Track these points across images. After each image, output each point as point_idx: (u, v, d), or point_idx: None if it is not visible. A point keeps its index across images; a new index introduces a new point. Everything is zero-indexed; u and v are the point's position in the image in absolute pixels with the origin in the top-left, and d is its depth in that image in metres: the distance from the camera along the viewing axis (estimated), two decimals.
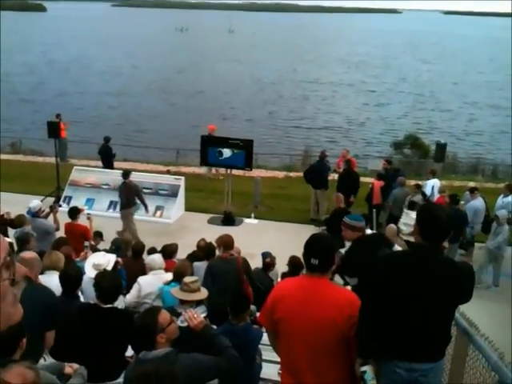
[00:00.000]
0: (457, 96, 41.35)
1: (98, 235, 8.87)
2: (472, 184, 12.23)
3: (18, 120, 27.89)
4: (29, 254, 4.60)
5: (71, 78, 44.51)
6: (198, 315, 3.81)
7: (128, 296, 6.07)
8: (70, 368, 3.90)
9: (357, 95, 40.92)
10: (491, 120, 33.65)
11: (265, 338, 4.71)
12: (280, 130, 29.22)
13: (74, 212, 9.28)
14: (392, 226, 8.35)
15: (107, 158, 15.65)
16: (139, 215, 13.02)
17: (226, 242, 6.72)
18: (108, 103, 35.20)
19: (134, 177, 14.00)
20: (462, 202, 11.46)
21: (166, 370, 2.82)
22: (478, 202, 10.98)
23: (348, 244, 5.68)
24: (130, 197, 11.29)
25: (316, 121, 31.70)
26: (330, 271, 3.39)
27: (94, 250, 7.72)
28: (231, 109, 34.01)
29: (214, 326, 5.00)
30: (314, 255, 3.26)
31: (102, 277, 4.56)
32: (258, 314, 5.11)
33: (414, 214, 10.83)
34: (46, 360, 4.05)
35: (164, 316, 3.36)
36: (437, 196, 11.50)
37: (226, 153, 12.69)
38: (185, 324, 3.88)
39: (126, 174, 11.42)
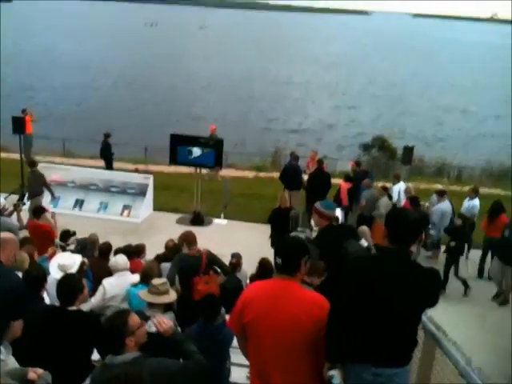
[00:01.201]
0: (426, 99, 41.95)
1: (69, 234, 8.63)
2: (439, 186, 12.42)
3: None
4: (5, 235, 4.33)
5: (35, 71, 43.48)
6: (167, 320, 3.77)
7: (93, 299, 5.94)
8: (33, 373, 3.76)
9: (328, 97, 41.02)
10: (458, 124, 34.33)
11: (234, 341, 4.69)
12: (250, 130, 29.18)
13: (38, 211, 9.06)
14: (364, 227, 8.42)
15: (106, 156, 15.47)
16: (107, 214, 12.84)
17: (188, 239, 6.64)
18: (73, 98, 34.42)
19: (102, 175, 13.85)
20: (427, 204, 11.67)
21: (134, 374, 2.78)
22: (445, 205, 11.15)
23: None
24: (37, 186, 11.77)
25: (287, 123, 31.64)
26: (300, 275, 3.34)
27: (64, 248, 7.53)
28: (201, 107, 33.74)
29: (179, 328, 4.96)
30: (278, 254, 3.28)
31: (61, 279, 4.43)
32: (227, 317, 5.08)
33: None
34: (1, 353, 3.90)
35: (134, 319, 3.33)
36: (404, 200, 11.63)
37: (196, 152, 12.59)
38: (153, 329, 3.83)
39: (33, 163, 11.95)
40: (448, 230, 10.40)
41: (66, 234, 8.50)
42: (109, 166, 15.53)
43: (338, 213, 10.13)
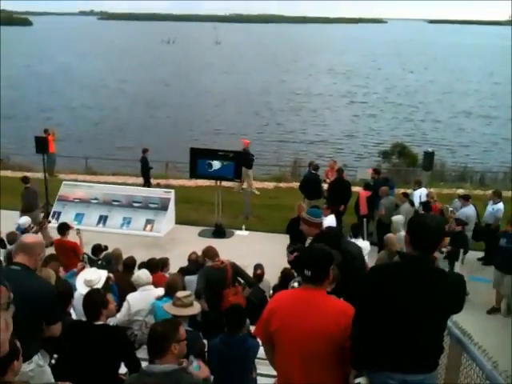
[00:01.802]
0: (446, 106, 41.42)
1: (101, 248, 8.76)
2: (461, 191, 12.30)
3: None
4: (29, 239, 4.19)
5: (55, 92, 44.11)
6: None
7: (118, 315, 6.01)
8: None
9: (346, 107, 40.71)
10: (480, 130, 33.85)
11: (260, 351, 4.70)
12: (269, 143, 29.21)
13: (64, 228, 9.21)
14: (390, 235, 8.39)
15: (144, 172, 15.92)
16: (130, 229, 12.99)
17: (210, 254, 6.74)
18: (93, 117, 34.77)
19: (124, 191, 14.04)
20: (451, 209, 11.55)
21: None
22: (470, 210, 11.04)
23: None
24: (32, 200, 12.11)
25: (306, 134, 31.29)
26: (327, 283, 3.37)
27: (92, 263, 7.64)
28: (219, 122, 33.80)
29: (205, 341, 4.99)
30: (306, 266, 3.28)
31: (86, 295, 4.51)
32: (251, 328, 5.10)
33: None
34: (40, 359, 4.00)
35: (183, 330, 3.52)
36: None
37: (216, 164, 12.70)
38: (197, 370, 4.09)
39: (26, 179, 12.49)
40: (447, 234, 10.19)
41: (98, 249, 8.62)
42: (146, 184, 15.88)
43: (330, 220, 10.06)
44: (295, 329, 3.20)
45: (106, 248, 8.69)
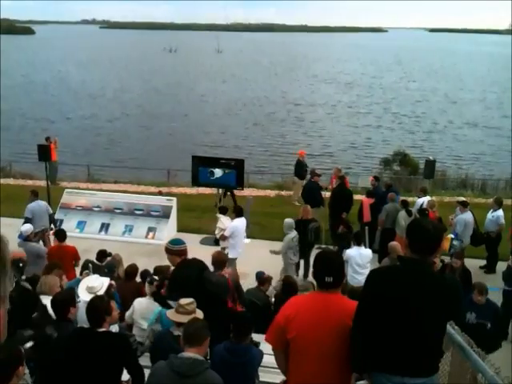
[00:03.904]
0: (448, 115, 41.26)
1: (106, 254, 8.76)
2: (462, 198, 12.33)
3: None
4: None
5: (56, 101, 44.00)
6: None
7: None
8: None
9: (347, 117, 40.51)
10: (481, 139, 33.76)
11: (265, 359, 4.71)
12: (270, 150, 29.22)
13: (62, 234, 9.24)
14: (395, 242, 8.41)
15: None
16: (132, 237, 13.00)
17: (216, 261, 6.72)
18: (93, 127, 34.60)
19: (126, 199, 14.06)
20: (451, 217, 11.61)
21: None
22: (468, 216, 11.12)
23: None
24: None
25: (309, 146, 30.25)
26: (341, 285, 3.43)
27: (95, 270, 7.65)
28: (221, 133, 33.74)
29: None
30: (327, 273, 3.29)
31: (90, 302, 4.53)
32: (253, 335, 5.10)
33: (224, 218, 11.24)
34: None
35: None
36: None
37: (218, 172, 12.76)
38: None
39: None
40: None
41: (103, 254, 8.62)
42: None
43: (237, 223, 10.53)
44: (317, 334, 3.23)
45: (110, 254, 8.70)
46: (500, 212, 11.29)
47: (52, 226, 12.58)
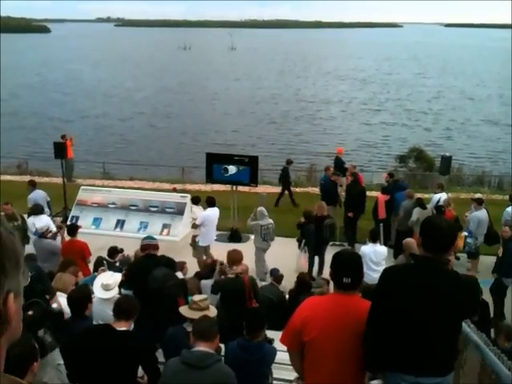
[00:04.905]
0: (469, 112, 40.73)
1: (117, 250, 8.83)
2: (478, 195, 12.19)
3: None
4: None
5: (71, 100, 44.09)
6: None
7: None
8: None
9: (363, 114, 40.16)
10: (498, 135, 33.32)
11: (278, 356, 4.70)
12: (286, 149, 29.09)
13: (74, 228, 9.32)
14: (410, 239, 8.36)
15: (284, 182, 16.21)
16: (147, 233, 13.04)
17: (232, 258, 6.76)
18: (107, 126, 34.83)
19: (141, 195, 14.14)
20: (466, 214, 11.49)
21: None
22: (482, 213, 10.98)
23: None
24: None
25: (326, 145, 29.87)
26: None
27: (110, 267, 7.71)
28: (235, 131, 33.55)
29: (222, 345, 5.01)
30: (346, 274, 3.23)
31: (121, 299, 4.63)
32: (267, 332, 5.10)
33: (196, 208, 11.68)
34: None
35: None
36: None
37: (232, 169, 12.78)
38: None
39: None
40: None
41: (114, 251, 8.68)
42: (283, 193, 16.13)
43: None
44: (335, 337, 3.19)
45: (121, 250, 8.75)
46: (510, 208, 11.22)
47: (68, 222, 12.77)
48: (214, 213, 11.25)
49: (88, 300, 5.17)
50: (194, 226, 11.36)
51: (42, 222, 9.70)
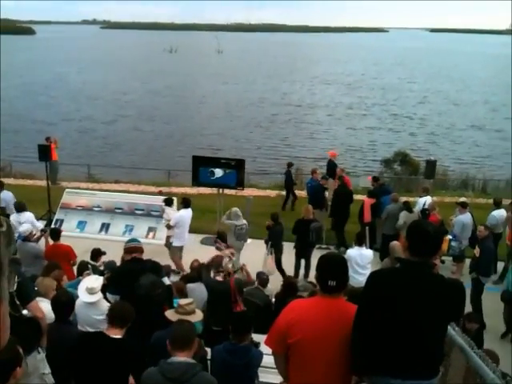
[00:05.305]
0: (450, 117, 41.04)
1: (100, 252, 8.77)
2: (463, 199, 12.31)
3: None
4: None
5: (56, 103, 43.59)
6: None
7: None
8: None
9: (349, 119, 40.29)
10: (482, 140, 33.69)
11: (264, 359, 4.69)
12: (270, 151, 29.13)
13: (57, 233, 9.24)
14: (396, 243, 8.40)
15: (288, 186, 16.17)
16: (133, 236, 12.97)
17: (214, 262, 6.76)
18: (92, 129, 34.41)
19: (127, 198, 14.05)
20: (451, 217, 11.60)
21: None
22: (466, 217, 11.08)
23: None
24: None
25: (312, 149, 30.14)
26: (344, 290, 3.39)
27: (96, 269, 7.63)
28: (221, 135, 33.39)
29: (208, 349, 4.99)
30: (331, 277, 3.24)
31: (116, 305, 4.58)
32: (254, 336, 5.08)
33: (169, 209, 11.91)
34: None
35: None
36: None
37: (218, 172, 12.76)
38: None
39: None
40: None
41: (97, 253, 8.62)
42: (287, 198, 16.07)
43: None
44: (320, 340, 3.19)
45: (104, 253, 8.69)
46: (497, 212, 11.34)
47: (53, 225, 12.66)
48: (187, 214, 11.44)
49: (73, 305, 5.13)
50: (169, 227, 11.50)
51: (27, 221, 9.66)
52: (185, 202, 11.53)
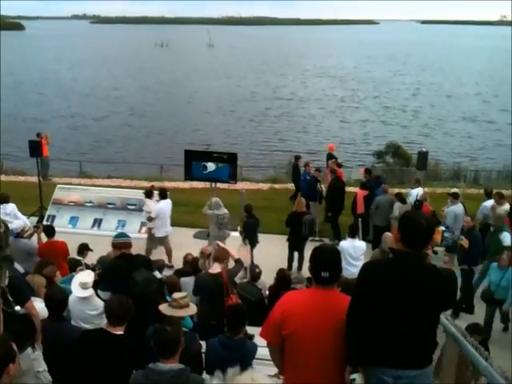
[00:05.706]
0: (443, 109, 41.07)
1: (87, 248, 8.74)
2: (454, 190, 12.36)
3: None
4: None
5: (46, 100, 43.15)
6: None
7: None
8: None
9: (341, 111, 40.27)
10: (473, 131, 33.80)
11: (259, 352, 4.69)
12: (265, 148, 29.07)
13: (52, 230, 9.18)
14: (388, 234, 8.41)
15: (295, 179, 15.76)
16: (125, 231, 12.93)
17: (215, 257, 6.73)
18: (84, 125, 34.20)
19: (119, 194, 14.00)
20: (443, 209, 11.65)
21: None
22: (458, 208, 11.12)
23: None
24: None
25: (305, 142, 30.19)
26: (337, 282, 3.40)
27: (89, 267, 7.60)
28: (214, 130, 33.30)
29: (203, 342, 4.98)
30: (324, 268, 3.25)
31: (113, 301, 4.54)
32: (248, 328, 5.09)
33: (149, 202, 11.91)
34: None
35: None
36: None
37: (211, 166, 12.74)
38: None
39: None
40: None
41: (84, 248, 8.62)
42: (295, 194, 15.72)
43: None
44: (316, 331, 3.19)
45: (91, 250, 8.69)
46: (488, 202, 11.40)
47: (45, 221, 12.59)
48: (167, 205, 11.59)
49: (66, 301, 5.11)
50: (150, 219, 11.54)
51: (11, 213, 9.61)
52: (162, 194, 11.69)
